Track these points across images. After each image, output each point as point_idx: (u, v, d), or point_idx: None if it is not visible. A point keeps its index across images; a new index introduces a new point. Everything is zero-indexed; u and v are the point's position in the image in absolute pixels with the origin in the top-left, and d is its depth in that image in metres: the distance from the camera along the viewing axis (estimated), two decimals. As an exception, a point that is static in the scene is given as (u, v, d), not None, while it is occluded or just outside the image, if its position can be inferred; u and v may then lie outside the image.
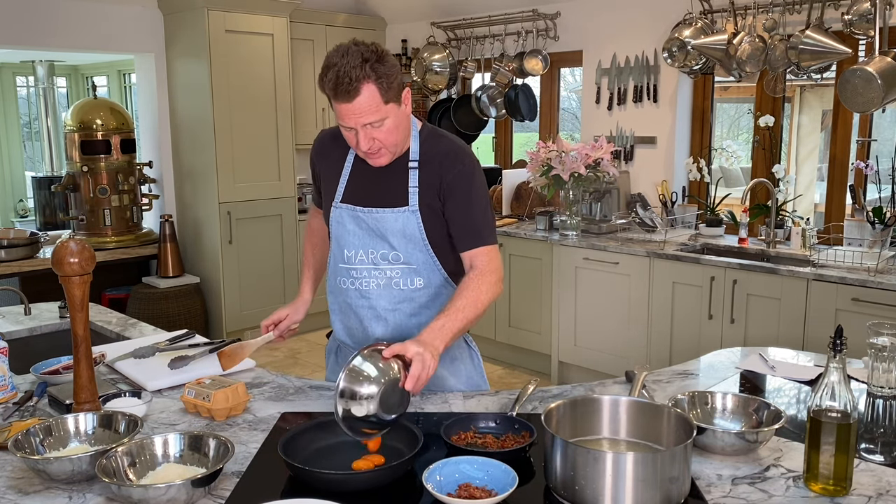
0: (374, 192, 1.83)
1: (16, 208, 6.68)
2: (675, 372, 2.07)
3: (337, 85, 1.63)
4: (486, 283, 1.76)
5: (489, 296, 1.76)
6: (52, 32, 4.73)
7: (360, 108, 1.65)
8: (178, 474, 1.37)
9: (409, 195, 1.81)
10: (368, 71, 1.63)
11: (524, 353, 4.73)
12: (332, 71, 1.64)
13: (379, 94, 1.65)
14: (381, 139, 1.71)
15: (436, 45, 5.46)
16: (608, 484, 1.25)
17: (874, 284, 3.22)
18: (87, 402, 1.62)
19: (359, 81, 1.62)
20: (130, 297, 5.01)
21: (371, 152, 1.74)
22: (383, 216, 1.81)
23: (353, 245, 1.85)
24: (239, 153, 5.08)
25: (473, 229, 1.81)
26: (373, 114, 1.66)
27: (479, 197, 1.83)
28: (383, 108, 1.67)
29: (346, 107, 1.65)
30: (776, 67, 3.91)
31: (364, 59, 1.63)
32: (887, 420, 1.79)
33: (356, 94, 1.63)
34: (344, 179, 1.87)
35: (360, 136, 1.70)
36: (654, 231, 4.37)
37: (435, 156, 1.82)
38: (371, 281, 1.85)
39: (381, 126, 1.69)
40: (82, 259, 1.59)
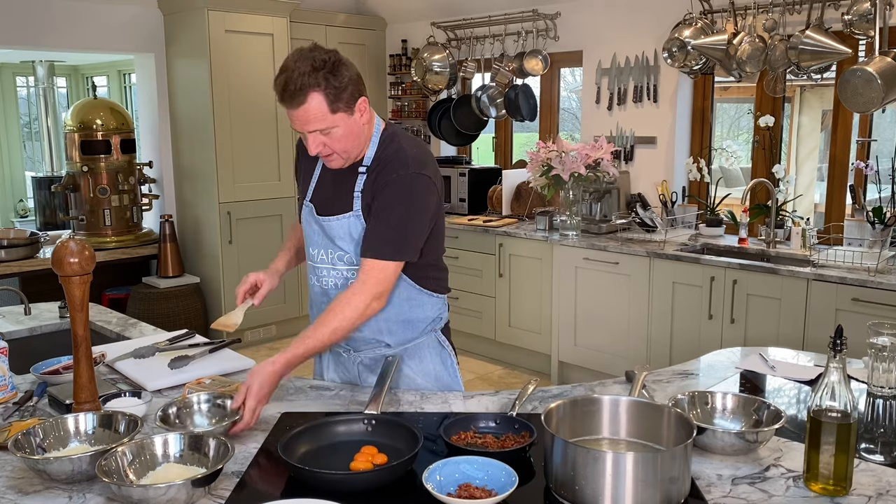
0: (328, 198, 1.88)
1: (16, 208, 6.69)
2: (675, 372, 2.07)
3: (284, 90, 1.65)
4: (350, 308, 1.72)
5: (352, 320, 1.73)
6: (52, 32, 4.73)
7: (305, 116, 1.67)
8: (178, 474, 1.37)
9: (354, 199, 1.82)
10: (318, 79, 1.63)
11: (524, 353, 4.73)
12: (283, 75, 1.66)
13: (326, 103, 1.66)
14: (331, 145, 1.73)
15: (436, 45, 5.46)
16: (608, 484, 1.25)
17: (874, 284, 3.22)
18: (87, 402, 1.62)
19: (305, 89, 1.63)
20: (130, 297, 5.01)
21: (322, 156, 1.77)
22: (329, 223, 1.86)
23: (316, 244, 1.90)
24: (239, 153, 5.08)
25: (376, 238, 1.76)
26: (319, 122, 1.67)
27: (401, 208, 1.76)
28: (330, 116, 1.68)
29: (292, 112, 1.68)
30: (776, 67, 3.91)
31: (314, 68, 1.63)
32: (887, 420, 1.79)
33: (301, 102, 1.65)
34: (314, 180, 1.92)
35: (309, 141, 1.72)
36: (654, 231, 4.37)
37: (382, 160, 1.81)
38: (330, 280, 1.89)
39: (330, 133, 1.71)
40: (82, 259, 1.59)
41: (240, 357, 2.14)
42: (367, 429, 1.56)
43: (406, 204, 1.77)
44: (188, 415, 1.63)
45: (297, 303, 5.54)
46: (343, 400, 1.85)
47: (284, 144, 5.32)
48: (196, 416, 1.64)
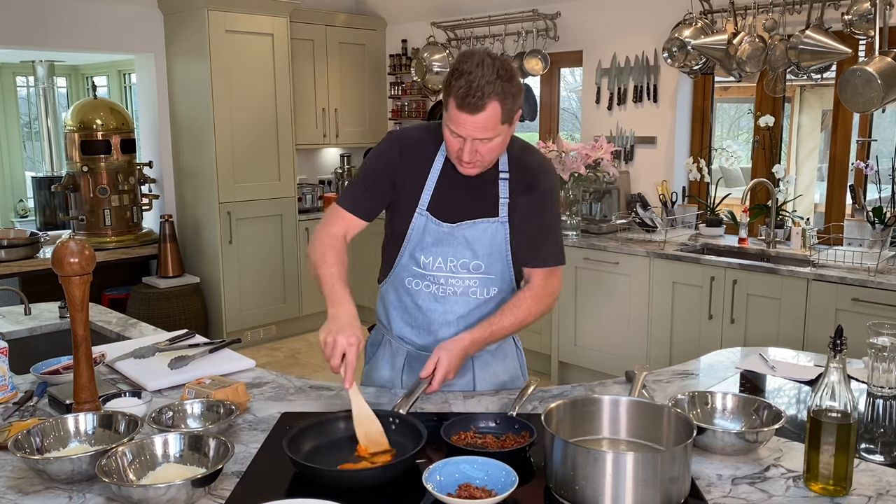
0: (462, 205, 1.83)
1: (16, 208, 6.69)
2: (675, 372, 2.07)
3: (466, 95, 1.61)
4: (536, 307, 1.84)
5: (536, 316, 1.85)
6: (52, 32, 4.73)
7: (480, 123, 1.64)
8: (178, 474, 1.37)
9: (500, 206, 1.82)
10: (499, 89, 1.62)
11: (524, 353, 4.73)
12: (464, 79, 1.61)
13: (501, 113, 1.65)
14: (483, 154, 1.71)
15: (436, 45, 5.46)
16: (608, 484, 1.25)
17: (874, 284, 3.22)
18: (87, 402, 1.62)
19: (488, 98, 1.61)
20: (130, 297, 5.01)
21: (464, 163, 1.73)
22: (473, 227, 1.82)
23: (431, 252, 1.84)
24: (239, 153, 5.08)
25: (543, 247, 1.86)
26: (489, 131, 1.66)
27: (555, 216, 1.89)
28: (499, 126, 1.67)
29: (467, 118, 1.64)
30: (776, 67, 3.91)
31: (498, 76, 1.62)
32: (887, 420, 1.79)
33: (482, 110, 1.62)
34: (430, 188, 1.84)
35: (467, 148, 1.69)
36: (654, 231, 4.37)
37: (525, 167, 1.84)
38: (448, 288, 1.86)
39: (489, 143, 1.69)
40: (82, 259, 1.58)
41: (240, 357, 2.14)
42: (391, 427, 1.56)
43: (557, 212, 1.91)
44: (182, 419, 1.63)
45: (297, 303, 5.54)
46: (343, 400, 1.85)
47: (284, 144, 5.32)
48: (189, 420, 1.63)
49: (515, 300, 1.84)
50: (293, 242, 5.46)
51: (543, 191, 1.84)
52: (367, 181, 1.88)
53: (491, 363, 1.98)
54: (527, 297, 1.84)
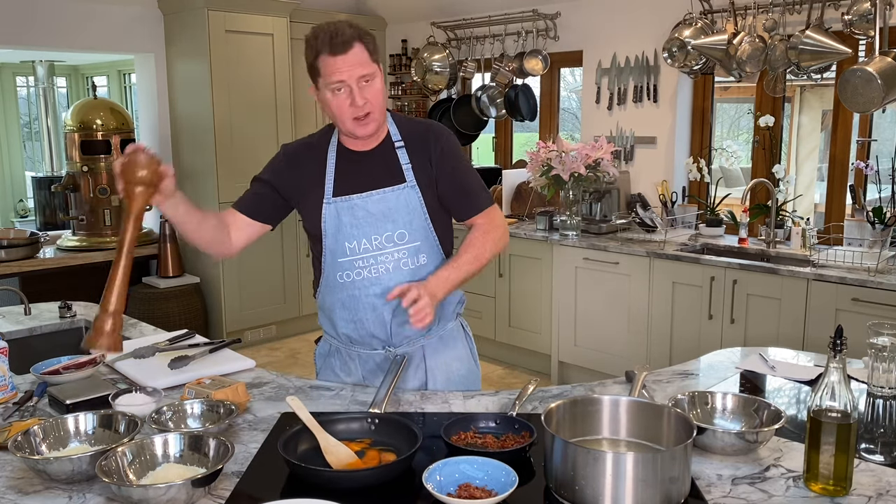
0: (367, 178, 1.87)
1: (16, 208, 6.69)
2: (675, 372, 2.07)
3: (332, 37, 1.74)
4: (490, 240, 1.88)
5: (494, 250, 1.89)
6: (52, 32, 4.73)
7: (354, 59, 1.74)
8: (178, 474, 1.37)
9: (405, 172, 1.88)
10: (356, 31, 1.77)
11: (524, 353, 4.73)
12: (323, 32, 1.76)
13: (367, 51, 1.77)
14: (371, 99, 1.78)
15: (436, 45, 5.46)
16: (608, 484, 1.25)
17: (874, 284, 3.22)
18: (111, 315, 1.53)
19: (351, 36, 1.75)
20: (130, 298, 5.01)
21: (362, 115, 1.78)
22: (385, 196, 1.86)
23: (353, 236, 1.87)
24: (239, 153, 5.08)
25: (471, 197, 1.92)
26: (365, 66, 1.76)
27: (467, 165, 1.97)
28: (372, 65, 1.78)
29: (341, 59, 1.74)
30: (776, 67, 3.91)
31: (349, 24, 1.78)
32: (887, 420, 1.79)
33: (350, 46, 1.74)
34: (330, 176, 1.90)
35: (356, 93, 1.76)
36: (654, 231, 4.37)
37: (417, 134, 1.91)
38: (380, 266, 1.87)
39: (372, 83, 1.78)
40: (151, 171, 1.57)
41: (240, 357, 2.14)
42: (371, 427, 1.56)
43: (467, 161, 1.99)
44: (182, 419, 1.63)
45: (297, 303, 5.54)
46: (343, 400, 1.85)
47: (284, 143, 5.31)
48: (190, 421, 1.63)
49: (466, 240, 1.89)
50: (293, 242, 5.46)
51: (445, 146, 1.90)
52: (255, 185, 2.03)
53: (440, 350, 1.99)
54: (475, 234, 1.89)
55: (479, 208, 1.92)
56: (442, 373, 1.98)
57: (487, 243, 1.87)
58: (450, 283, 1.81)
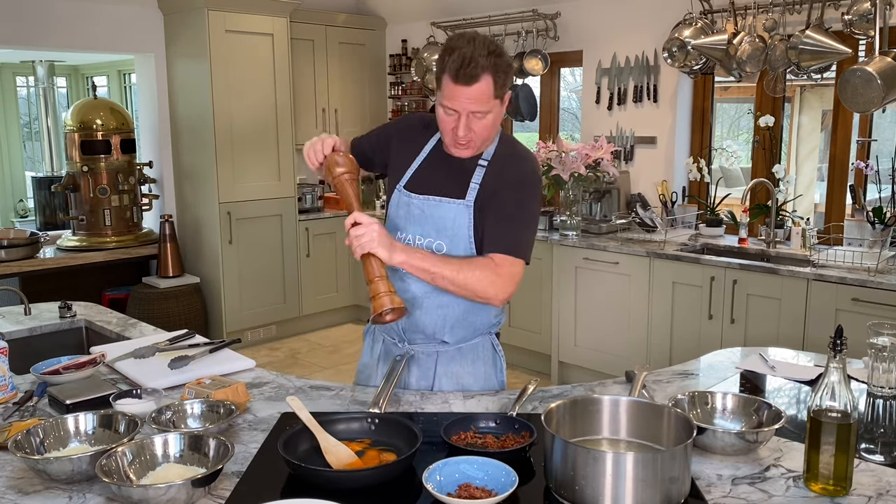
0: (438, 181, 1.86)
1: (16, 208, 6.69)
2: (675, 372, 2.07)
3: (461, 67, 1.67)
4: (483, 276, 1.73)
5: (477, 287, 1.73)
6: (52, 32, 4.73)
7: (474, 95, 1.69)
8: (178, 474, 1.37)
9: (469, 190, 1.83)
10: (491, 62, 1.68)
11: (524, 353, 4.73)
12: (457, 53, 1.68)
13: (493, 87, 1.70)
14: (477, 132, 1.75)
15: (436, 45, 5.46)
16: (608, 484, 1.25)
17: (874, 284, 3.22)
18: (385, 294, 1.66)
19: (482, 70, 1.67)
20: (130, 297, 5.01)
21: (462, 142, 1.77)
22: (440, 204, 1.84)
23: (404, 228, 1.88)
24: (239, 153, 5.08)
25: (503, 234, 1.79)
26: (483, 104, 1.71)
27: (532, 208, 1.83)
28: (492, 101, 1.72)
29: (462, 90, 1.69)
30: (776, 67, 3.91)
31: (489, 51, 1.68)
32: (887, 420, 1.79)
33: (475, 81, 1.67)
34: (414, 167, 1.90)
35: (462, 122, 1.73)
36: (654, 231, 4.37)
37: (505, 158, 1.85)
38: None
39: (483, 119, 1.73)
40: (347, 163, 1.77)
41: (240, 357, 2.14)
42: (371, 427, 1.56)
43: (532, 204, 1.84)
44: (182, 419, 1.63)
45: (297, 303, 5.54)
46: (343, 400, 1.85)
47: (284, 144, 5.32)
48: (190, 420, 1.63)
49: (471, 258, 1.78)
50: (293, 242, 5.46)
51: (523, 179, 1.83)
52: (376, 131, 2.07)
53: (456, 359, 1.92)
54: (481, 261, 1.76)
55: (497, 249, 1.77)
56: (450, 382, 1.93)
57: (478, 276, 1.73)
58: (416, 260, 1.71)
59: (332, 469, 1.41)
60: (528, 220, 1.82)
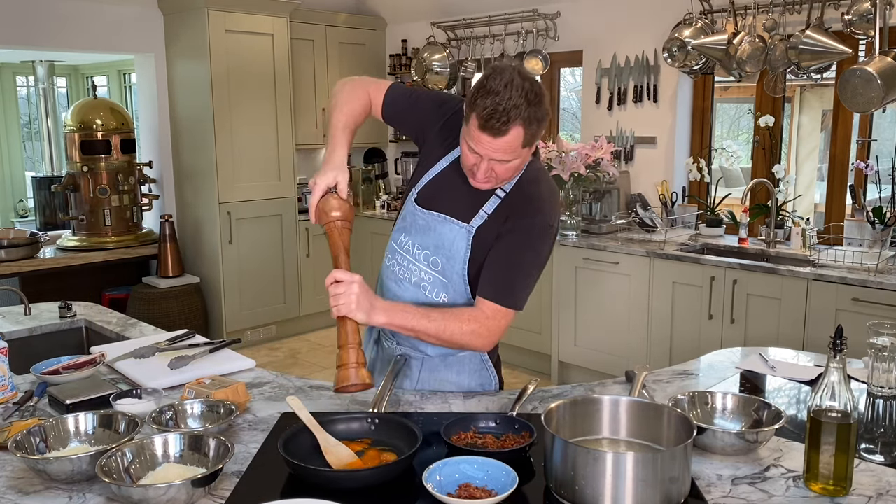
0: (449, 199, 1.78)
1: (16, 208, 6.69)
2: (675, 372, 2.07)
3: (490, 117, 1.54)
4: (468, 328, 1.67)
5: (462, 341, 1.69)
6: (52, 32, 4.73)
7: (500, 147, 1.58)
8: (178, 474, 1.37)
9: (476, 217, 1.75)
10: (525, 114, 1.55)
11: (524, 353, 4.73)
12: (491, 99, 1.54)
13: (524, 138, 1.59)
14: (499, 174, 1.66)
15: (436, 45, 5.46)
16: (608, 484, 1.25)
17: (874, 284, 3.22)
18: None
19: (513, 122, 1.55)
20: (130, 297, 5.01)
21: (480, 181, 1.68)
22: (442, 222, 1.77)
23: (411, 234, 1.83)
24: (239, 153, 5.08)
25: (500, 281, 1.71)
26: (508, 154, 1.60)
27: (533, 255, 1.73)
28: (520, 150, 1.61)
29: (488, 140, 1.57)
30: (776, 67, 3.91)
31: (526, 100, 1.55)
32: (887, 420, 1.79)
33: (504, 134, 1.56)
34: (431, 175, 1.82)
35: (482, 167, 1.63)
36: (654, 231, 4.37)
37: (524, 194, 1.74)
38: (407, 272, 1.83)
39: (507, 164, 1.63)
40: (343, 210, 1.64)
41: (240, 357, 2.14)
42: (371, 427, 1.56)
43: (538, 253, 1.74)
44: (182, 419, 1.63)
45: (297, 303, 5.54)
46: (343, 399, 1.85)
47: (284, 144, 5.32)
48: (190, 420, 1.63)
49: (456, 309, 1.71)
50: (293, 242, 5.46)
51: (532, 226, 1.72)
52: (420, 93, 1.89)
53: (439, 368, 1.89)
54: (467, 313, 1.69)
55: (489, 296, 1.70)
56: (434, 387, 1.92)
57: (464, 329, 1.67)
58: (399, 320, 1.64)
59: (332, 469, 1.41)
60: (531, 268, 1.73)
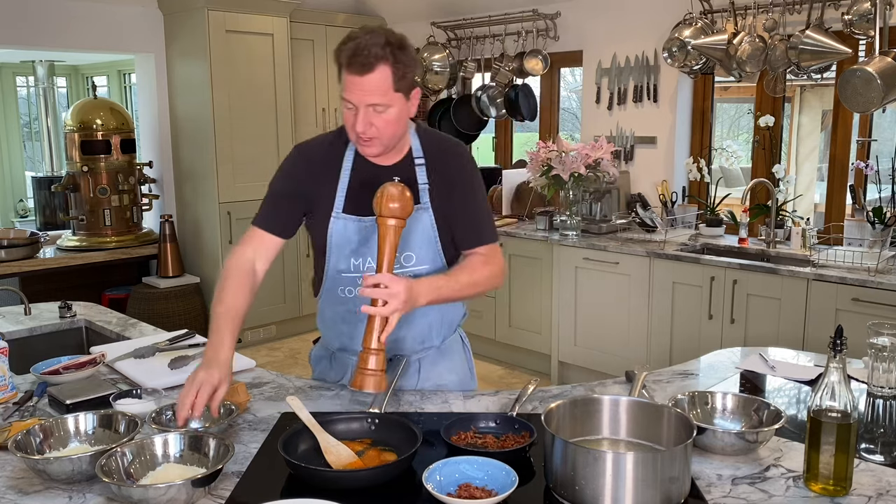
0: None
1: (16, 208, 6.68)
2: (675, 372, 2.07)
3: (354, 55, 1.60)
4: (487, 272, 1.79)
5: (487, 285, 1.79)
6: (52, 32, 4.73)
7: (369, 85, 1.61)
8: (178, 474, 1.37)
9: (420, 192, 1.78)
10: (388, 53, 1.61)
11: (524, 353, 4.73)
12: (352, 42, 1.61)
13: (392, 78, 1.62)
14: (379, 127, 1.66)
15: (436, 45, 5.46)
16: (608, 484, 1.25)
17: (874, 284, 3.22)
18: None
19: (376, 59, 1.60)
20: (130, 297, 5.01)
21: (364, 138, 1.68)
22: None
23: (360, 253, 1.79)
24: (239, 153, 5.08)
25: (477, 227, 1.83)
26: (380, 96, 1.62)
27: (482, 194, 1.86)
28: (391, 94, 1.64)
29: (355, 79, 1.61)
30: (776, 67, 3.91)
31: (388, 42, 1.62)
32: (887, 420, 1.79)
33: (369, 70, 1.60)
34: (343, 189, 1.79)
35: (360, 116, 1.64)
36: (654, 231, 4.37)
37: (438, 151, 1.82)
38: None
39: (384, 113, 1.65)
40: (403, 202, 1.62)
41: (240, 357, 2.14)
42: (371, 427, 1.56)
43: (480, 183, 1.86)
44: None
45: (297, 303, 5.54)
46: (343, 400, 1.85)
47: (284, 144, 5.32)
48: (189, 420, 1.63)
49: (466, 263, 1.81)
50: (293, 242, 5.46)
51: (465, 169, 1.82)
52: (275, 197, 1.83)
53: (438, 361, 1.94)
54: (475, 260, 1.81)
55: (484, 242, 1.83)
56: (433, 384, 1.94)
57: (485, 273, 1.78)
58: (439, 295, 1.68)
59: (332, 469, 1.41)
60: (485, 203, 1.87)
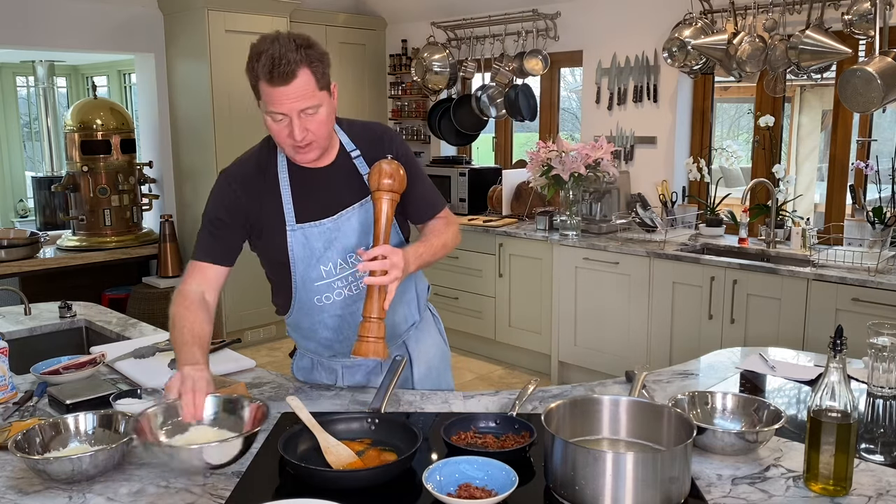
0: (331, 197, 1.79)
1: (16, 208, 6.69)
2: (675, 372, 2.07)
3: (273, 67, 1.57)
4: (451, 232, 1.89)
5: (453, 243, 1.90)
6: (52, 32, 4.73)
7: (296, 92, 1.60)
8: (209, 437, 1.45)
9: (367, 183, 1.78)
10: (303, 55, 1.60)
11: (524, 353, 4.73)
12: (265, 55, 1.59)
13: (314, 79, 1.62)
14: (314, 130, 1.66)
15: (436, 45, 5.46)
16: (608, 484, 1.25)
17: (874, 284, 3.22)
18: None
19: (296, 64, 1.58)
20: (130, 297, 5.01)
21: (302, 145, 1.67)
22: (355, 212, 1.78)
23: (328, 258, 1.79)
24: (239, 153, 5.05)
25: (428, 200, 1.91)
26: (308, 98, 1.62)
27: (421, 167, 1.93)
28: (318, 94, 1.64)
29: (282, 91, 1.59)
30: (776, 67, 3.91)
31: (297, 45, 1.60)
32: (887, 420, 1.79)
33: (292, 77, 1.59)
34: (288, 200, 1.78)
35: (295, 125, 1.63)
36: (654, 231, 4.37)
37: (370, 140, 1.84)
38: (360, 281, 1.81)
39: (315, 114, 1.65)
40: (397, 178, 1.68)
41: (240, 357, 2.15)
42: (371, 427, 1.56)
43: (416, 158, 1.93)
44: None
45: (297, 303, 5.53)
46: (343, 400, 1.85)
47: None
48: None
49: (430, 227, 1.89)
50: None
51: (399, 150, 1.84)
52: (212, 227, 1.85)
53: (420, 338, 2.02)
54: (438, 224, 1.90)
55: (438, 210, 1.93)
56: (423, 362, 2.01)
57: (450, 234, 1.88)
58: (422, 259, 1.75)
59: (332, 469, 1.41)
60: (425, 174, 1.93)
